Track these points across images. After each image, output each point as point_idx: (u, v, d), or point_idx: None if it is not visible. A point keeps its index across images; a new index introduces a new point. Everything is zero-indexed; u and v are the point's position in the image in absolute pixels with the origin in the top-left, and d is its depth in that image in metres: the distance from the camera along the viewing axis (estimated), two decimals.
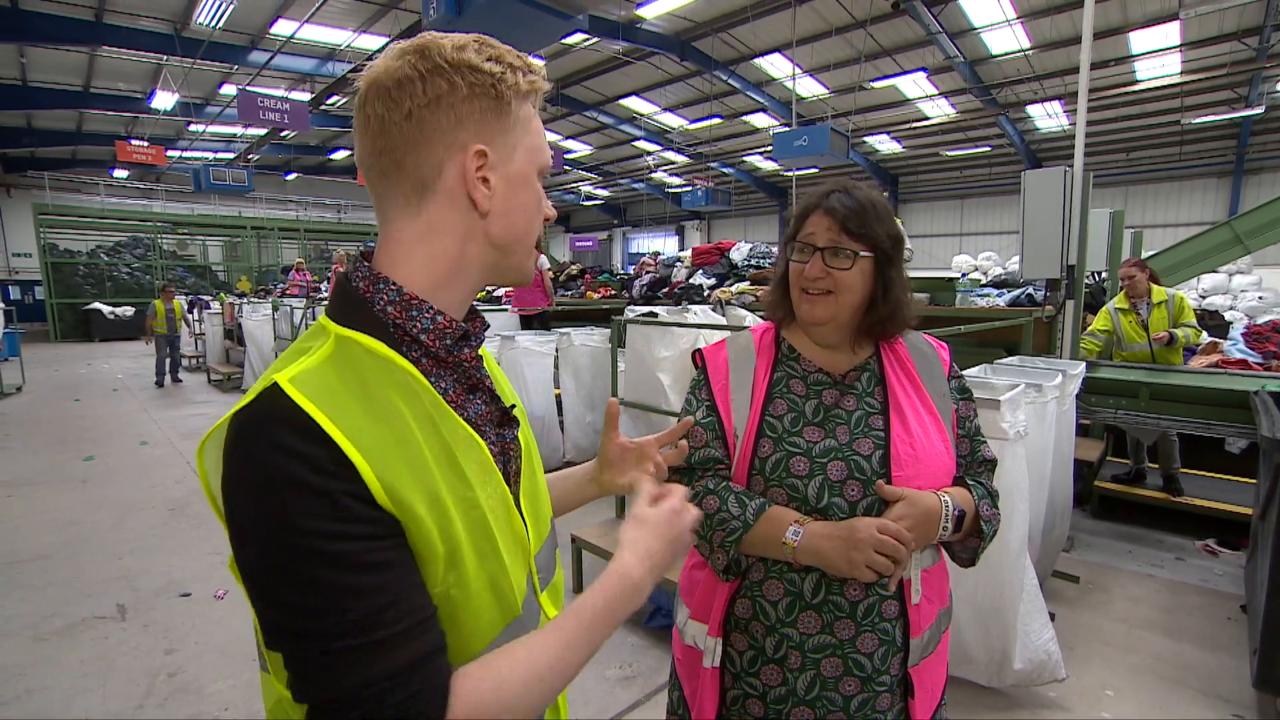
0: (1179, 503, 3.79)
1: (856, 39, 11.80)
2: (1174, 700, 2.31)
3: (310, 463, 0.50)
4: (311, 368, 0.55)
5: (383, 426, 0.55)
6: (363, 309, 0.60)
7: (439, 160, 0.59)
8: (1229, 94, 12.78)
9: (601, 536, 2.99)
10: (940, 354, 1.11)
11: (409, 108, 0.58)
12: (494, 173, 0.61)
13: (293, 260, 15.29)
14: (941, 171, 20.51)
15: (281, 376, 0.53)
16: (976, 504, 1.01)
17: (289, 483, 0.50)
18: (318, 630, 0.50)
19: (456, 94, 0.58)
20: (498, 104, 0.60)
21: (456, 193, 0.61)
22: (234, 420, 0.53)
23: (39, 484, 4.84)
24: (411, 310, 0.61)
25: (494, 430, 0.68)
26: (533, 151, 0.65)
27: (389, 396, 0.57)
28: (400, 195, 0.61)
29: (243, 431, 0.52)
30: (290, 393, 0.52)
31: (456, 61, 0.58)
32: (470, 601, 0.59)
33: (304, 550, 0.49)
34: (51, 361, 12.14)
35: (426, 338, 0.61)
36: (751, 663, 1.02)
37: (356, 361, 0.57)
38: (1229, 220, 6.56)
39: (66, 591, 3.15)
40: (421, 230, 0.61)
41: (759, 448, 1.02)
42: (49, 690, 2.39)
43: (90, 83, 13.51)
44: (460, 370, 0.65)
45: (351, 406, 0.54)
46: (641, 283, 6.86)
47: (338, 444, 0.51)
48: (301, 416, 0.51)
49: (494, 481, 0.64)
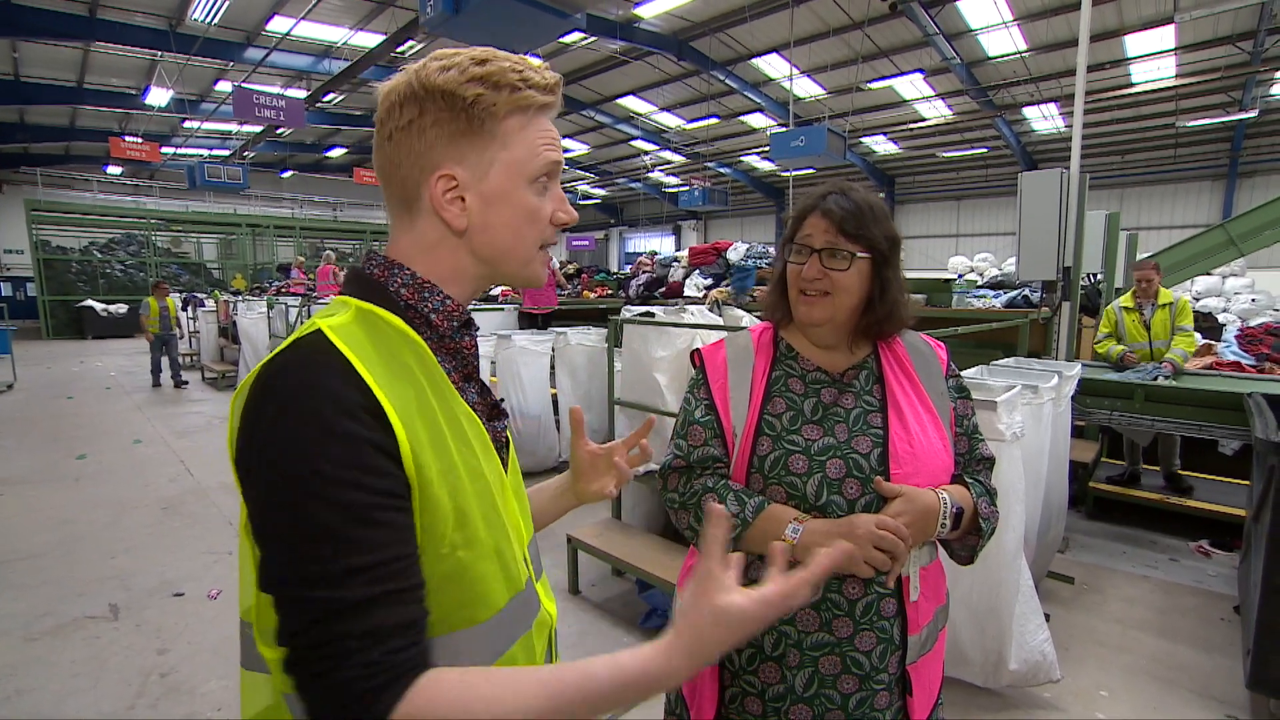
0: (1173, 504, 3.81)
1: (854, 40, 11.81)
2: (1168, 701, 2.32)
3: (345, 408, 0.52)
4: (345, 323, 0.58)
5: (406, 387, 0.58)
6: (378, 289, 0.64)
7: (415, 181, 0.63)
8: (1223, 97, 12.86)
9: (597, 536, 2.99)
10: (938, 353, 1.12)
11: (390, 130, 0.63)
12: (468, 192, 0.63)
13: (288, 258, 15.21)
14: (938, 173, 20.57)
15: (324, 323, 0.57)
16: (975, 501, 1.02)
17: (320, 424, 0.51)
18: (311, 574, 0.50)
19: (425, 119, 0.61)
20: (468, 126, 0.62)
21: (434, 212, 0.64)
22: (276, 357, 0.55)
23: (31, 483, 4.80)
24: (424, 292, 0.64)
25: (486, 421, 0.70)
26: (514, 166, 0.64)
27: (408, 362, 0.60)
28: (396, 208, 0.66)
29: (286, 367, 0.54)
30: (334, 339, 0.55)
31: (431, 87, 0.61)
32: (479, 564, 0.60)
33: (318, 492, 0.50)
34: (44, 359, 12.06)
35: (437, 318, 0.65)
36: (750, 660, 1.02)
37: (378, 327, 0.61)
38: (1223, 223, 6.60)
39: (58, 591, 3.12)
40: (415, 243, 0.65)
41: (758, 446, 1.03)
42: (40, 690, 2.37)
43: (84, 78, 13.41)
44: (460, 357, 0.68)
45: (380, 364, 0.57)
46: (638, 282, 6.85)
47: (375, 395, 0.54)
48: (344, 362, 0.54)
49: (494, 461, 0.66)
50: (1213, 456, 4.25)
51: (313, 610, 0.50)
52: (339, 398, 0.52)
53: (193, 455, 5.50)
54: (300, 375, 0.53)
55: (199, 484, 4.77)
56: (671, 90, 15.30)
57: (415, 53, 12.03)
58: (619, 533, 3.06)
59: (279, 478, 0.51)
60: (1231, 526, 3.55)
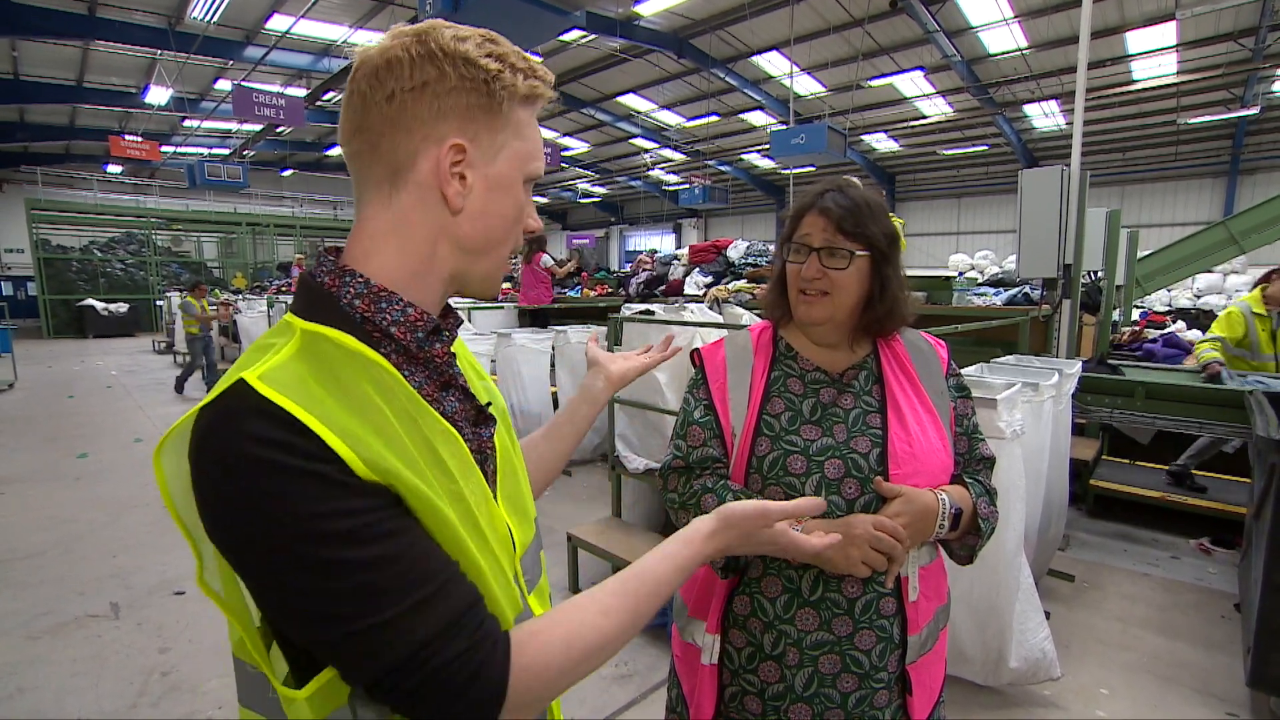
0: (1174, 501, 3.80)
1: (854, 37, 11.79)
2: (1168, 698, 2.32)
3: (290, 449, 0.48)
4: (278, 364, 0.52)
5: (359, 419, 0.52)
6: (328, 304, 0.57)
7: (414, 148, 0.57)
8: (1225, 94, 12.82)
9: (598, 535, 2.99)
10: (938, 351, 1.12)
11: (392, 89, 0.56)
12: (472, 170, 0.59)
13: (288, 257, 15.20)
14: (939, 170, 20.53)
15: (249, 374, 0.50)
16: (975, 501, 1.01)
17: (274, 470, 0.47)
18: (346, 612, 0.48)
19: (444, 84, 0.56)
20: (488, 101, 0.58)
21: (428, 186, 0.58)
22: (200, 418, 0.50)
23: (32, 481, 4.81)
24: (380, 302, 0.58)
25: (470, 429, 0.65)
26: (521, 157, 0.62)
27: (364, 390, 0.54)
28: (373, 181, 0.59)
29: (211, 429, 0.49)
30: (258, 387, 0.49)
31: (452, 51, 0.56)
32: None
33: (307, 534, 0.47)
34: (44, 358, 12.07)
35: (397, 330, 0.58)
36: (749, 659, 1.02)
37: (325, 356, 0.54)
38: (1224, 220, 6.58)
39: (59, 589, 3.13)
40: (393, 221, 0.59)
41: (756, 446, 1.02)
42: (41, 689, 2.37)
43: (83, 77, 13.41)
44: (432, 367, 0.62)
45: (325, 398, 0.51)
46: (638, 280, 6.84)
47: (314, 431, 0.49)
48: (272, 408, 0.49)
49: (475, 478, 0.61)
50: (1213, 455, 4.24)
51: (370, 641, 0.49)
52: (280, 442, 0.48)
53: None
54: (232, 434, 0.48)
55: None
56: (671, 88, 15.27)
57: None
58: (619, 531, 3.06)
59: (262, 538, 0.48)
60: (1232, 524, 3.55)
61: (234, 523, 0.49)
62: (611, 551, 2.83)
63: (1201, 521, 3.73)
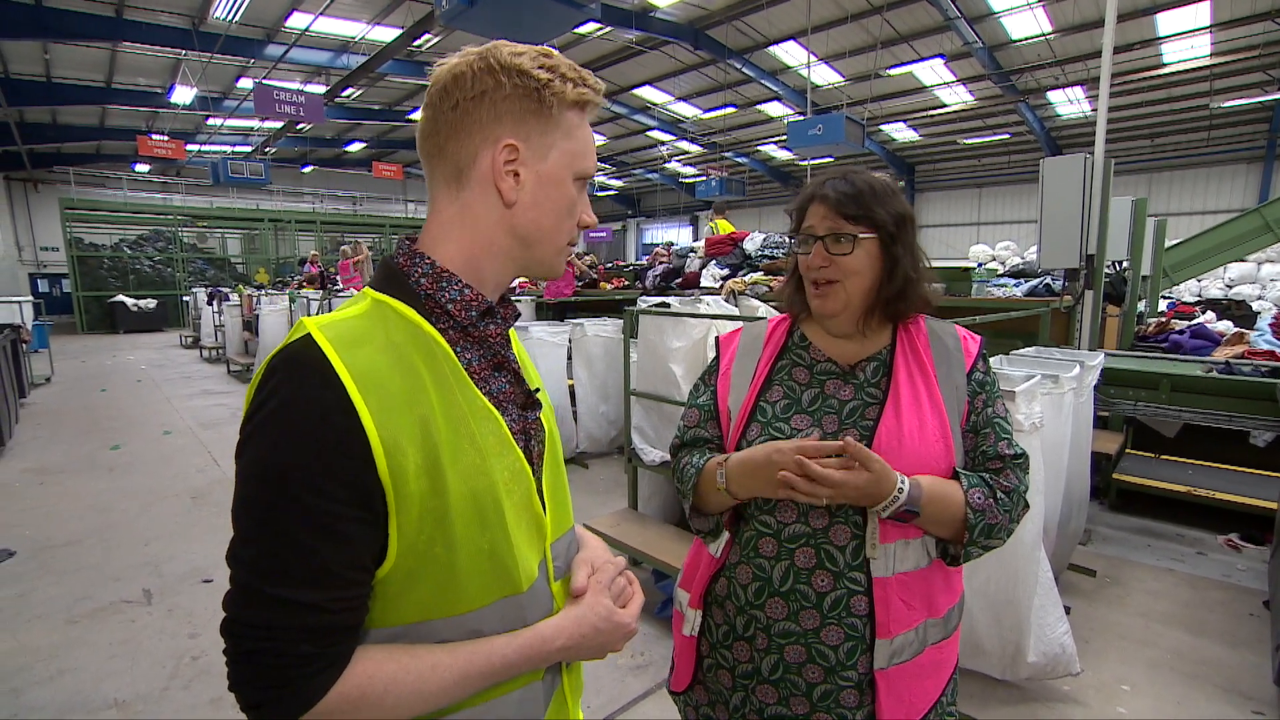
0: (1200, 496, 3.72)
1: (873, 25, 11.59)
2: (1192, 696, 2.29)
3: (321, 414, 0.56)
4: (342, 319, 0.62)
5: (398, 380, 0.60)
6: (399, 280, 0.67)
7: (474, 149, 0.66)
8: (1261, 76, 12.36)
9: (614, 526, 3.01)
10: (966, 345, 1.06)
11: (457, 99, 0.65)
12: (525, 168, 0.67)
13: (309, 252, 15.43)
14: (959, 160, 20.16)
15: (313, 323, 0.60)
16: (966, 492, 0.95)
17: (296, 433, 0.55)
18: (267, 569, 0.55)
19: (500, 91, 0.65)
20: (539, 106, 0.66)
21: (487, 182, 0.67)
22: (272, 359, 0.60)
23: (69, 472, 4.98)
24: (442, 282, 0.67)
25: (517, 410, 0.72)
26: (571, 156, 0.69)
27: (411, 356, 0.62)
28: (443, 178, 0.68)
29: (274, 370, 0.59)
30: (318, 338, 0.58)
31: (508, 64, 0.65)
32: (459, 564, 0.62)
33: (288, 496, 0.55)
34: (79, 353, 12.42)
35: (453, 307, 0.66)
36: (725, 637, 1.06)
37: (386, 320, 0.63)
38: (1258, 207, 6.38)
39: (96, 576, 3.24)
40: (458, 212, 0.68)
41: (748, 431, 1.05)
42: (80, 670, 2.47)
43: (112, 78, 13.71)
44: (485, 346, 0.70)
45: (374, 356, 0.60)
46: (655, 273, 6.83)
47: (351, 399, 0.56)
48: (322, 362, 0.57)
49: (512, 456, 0.67)
50: (1243, 448, 4.14)
51: (261, 600, 0.56)
52: (314, 404, 0.56)
53: (219, 446, 5.65)
54: (283, 379, 0.57)
55: (225, 474, 4.90)
56: (688, 80, 15.18)
57: (431, 46, 12.08)
58: (635, 523, 3.08)
59: (256, 474, 0.57)
60: (1261, 520, 3.47)
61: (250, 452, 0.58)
62: (627, 543, 2.85)
63: (1229, 517, 3.64)
